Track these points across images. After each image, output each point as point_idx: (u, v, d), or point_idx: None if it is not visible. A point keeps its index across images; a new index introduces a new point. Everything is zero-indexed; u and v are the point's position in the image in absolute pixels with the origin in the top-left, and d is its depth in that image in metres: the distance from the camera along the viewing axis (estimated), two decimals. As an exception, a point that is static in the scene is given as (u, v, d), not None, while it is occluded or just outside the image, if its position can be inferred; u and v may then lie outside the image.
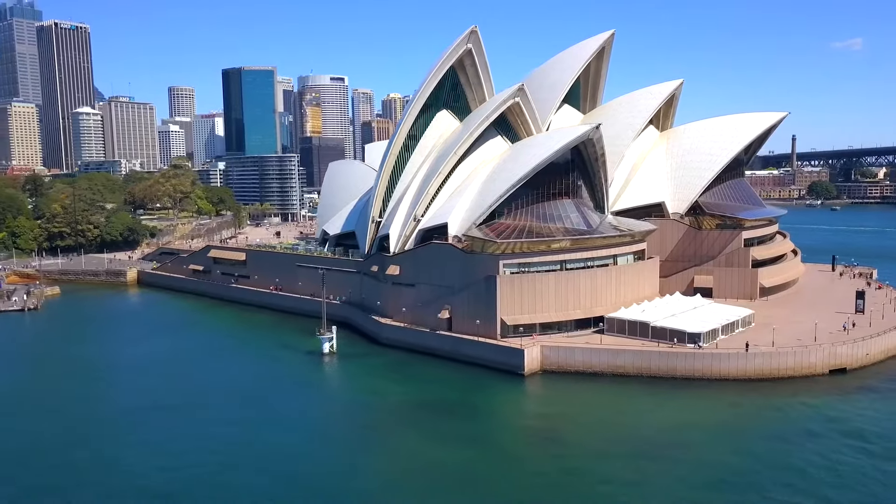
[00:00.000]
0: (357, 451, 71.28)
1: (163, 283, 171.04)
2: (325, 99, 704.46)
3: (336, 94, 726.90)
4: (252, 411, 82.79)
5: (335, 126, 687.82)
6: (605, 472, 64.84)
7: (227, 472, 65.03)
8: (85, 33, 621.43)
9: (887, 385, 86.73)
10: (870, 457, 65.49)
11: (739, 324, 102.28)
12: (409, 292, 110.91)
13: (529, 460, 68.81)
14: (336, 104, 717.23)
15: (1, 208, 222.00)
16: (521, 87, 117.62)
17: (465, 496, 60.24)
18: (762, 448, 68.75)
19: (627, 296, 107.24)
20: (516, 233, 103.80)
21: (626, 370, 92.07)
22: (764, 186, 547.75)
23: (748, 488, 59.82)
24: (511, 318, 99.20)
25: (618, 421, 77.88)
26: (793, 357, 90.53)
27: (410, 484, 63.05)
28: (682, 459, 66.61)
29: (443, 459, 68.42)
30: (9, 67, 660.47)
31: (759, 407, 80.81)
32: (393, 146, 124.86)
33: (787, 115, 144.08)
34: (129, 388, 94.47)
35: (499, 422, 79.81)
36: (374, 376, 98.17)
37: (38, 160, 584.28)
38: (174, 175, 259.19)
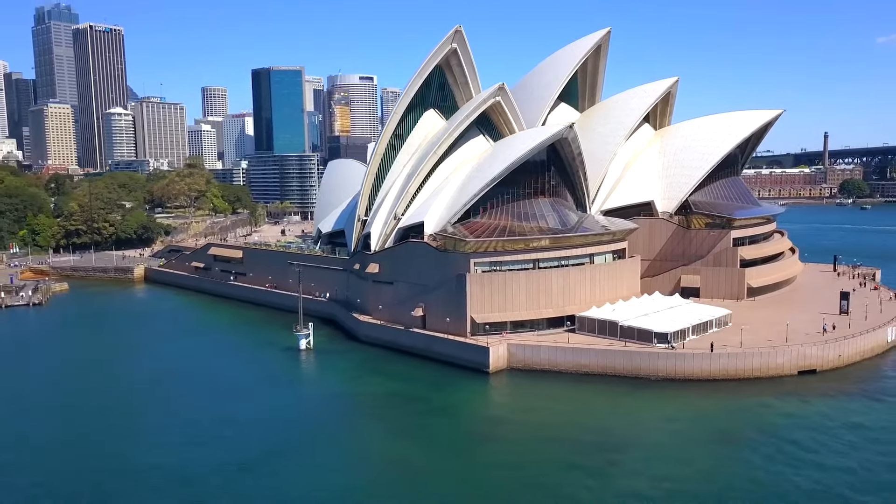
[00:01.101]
0: (309, 444, 72.65)
1: (167, 279, 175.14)
2: (354, 98, 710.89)
3: (365, 94, 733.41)
4: (217, 404, 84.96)
5: (364, 125, 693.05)
6: (531, 471, 65.16)
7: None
8: (119, 35, 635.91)
9: (852, 387, 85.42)
10: (796, 465, 64.59)
11: (713, 324, 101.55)
12: (388, 290, 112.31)
13: (467, 456, 69.67)
14: (365, 103, 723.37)
15: (23, 206, 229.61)
16: (502, 86, 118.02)
17: (397, 489, 61.24)
18: (699, 452, 68.64)
19: (604, 295, 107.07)
20: (490, 231, 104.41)
21: (590, 369, 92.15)
22: (794, 185, 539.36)
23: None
24: (481, 316, 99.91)
25: (565, 421, 77.91)
26: (759, 358, 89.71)
27: (352, 477, 64.28)
28: (615, 462, 66.76)
29: (388, 454, 69.82)
30: (47, 69, 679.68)
31: (715, 408, 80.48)
32: (378, 145, 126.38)
33: (782, 112, 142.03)
34: (87, 381, 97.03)
35: (448, 418, 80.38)
36: (344, 373, 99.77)
37: (73, 160, 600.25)
38: (189, 174, 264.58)
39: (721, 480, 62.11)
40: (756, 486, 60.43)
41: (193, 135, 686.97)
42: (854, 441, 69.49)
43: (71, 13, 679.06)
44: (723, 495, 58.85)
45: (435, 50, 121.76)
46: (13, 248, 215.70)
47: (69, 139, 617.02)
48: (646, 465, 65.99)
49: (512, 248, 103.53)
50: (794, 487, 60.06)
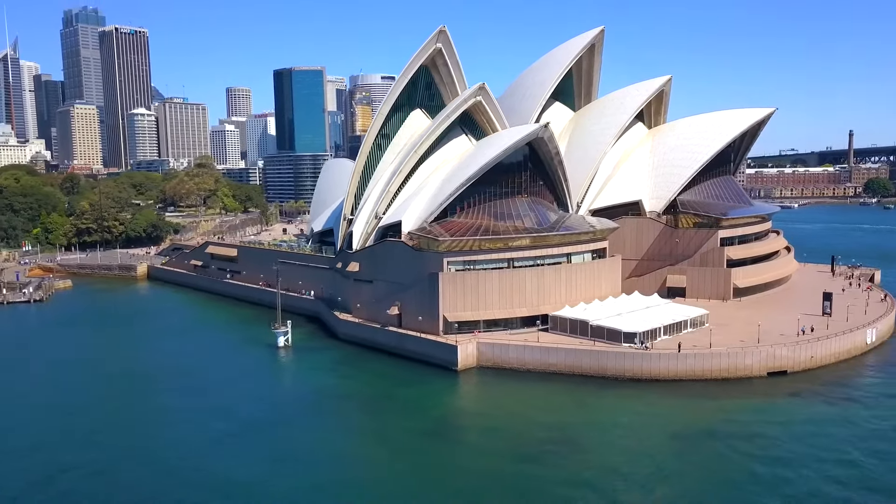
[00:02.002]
0: (261, 438, 73.84)
1: (169, 277, 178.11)
2: (376, 97, 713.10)
3: (387, 93, 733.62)
4: (182, 398, 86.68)
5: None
6: (478, 467, 65.65)
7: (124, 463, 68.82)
8: (143, 37, 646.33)
9: (820, 389, 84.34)
10: (734, 460, 64.61)
11: (688, 324, 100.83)
12: (368, 289, 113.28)
13: (418, 452, 70.36)
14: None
15: (37, 205, 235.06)
16: (482, 86, 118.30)
17: (339, 483, 62.13)
18: (648, 450, 68.53)
19: (581, 294, 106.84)
20: (466, 230, 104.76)
21: (558, 368, 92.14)
22: (817, 184, 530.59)
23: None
24: (453, 314, 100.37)
25: (522, 419, 78.19)
26: (726, 359, 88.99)
27: (292, 470, 65.18)
28: (562, 458, 66.97)
29: (337, 449, 70.92)
30: (75, 71, 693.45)
31: (674, 408, 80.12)
32: (364, 144, 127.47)
33: (775, 111, 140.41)
34: (64, 376, 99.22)
35: (407, 416, 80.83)
36: (316, 370, 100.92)
37: (98, 159, 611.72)
38: (198, 174, 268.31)
39: (662, 478, 62.24)
40: (689, 483, 60.37)
41: (217, 135, 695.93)
42: (800, 443, 68.96)
43: (98, 16, 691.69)
44: (661, 489, 58.91)
45: (419, 50, 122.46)
46: (26, 245, 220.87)
47: (95, 139, 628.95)
48: (592, 461, 66.25)
49: (487, 248, 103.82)
50: (727, 487, 59.79)
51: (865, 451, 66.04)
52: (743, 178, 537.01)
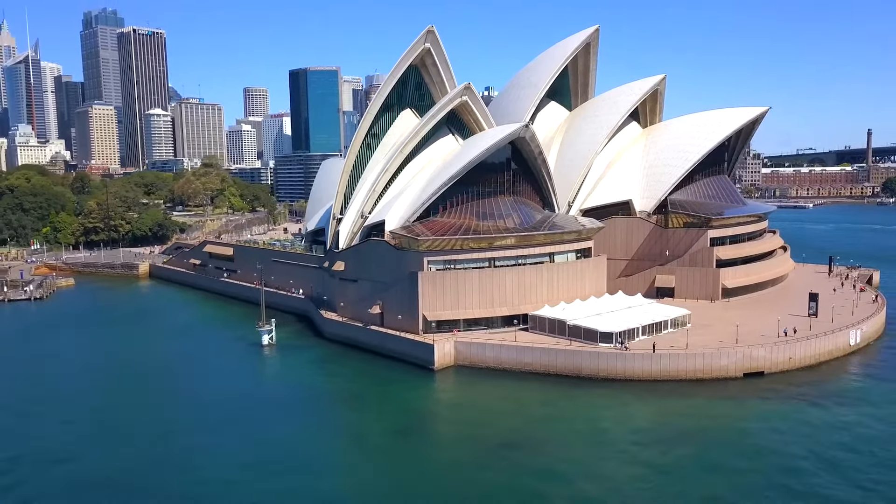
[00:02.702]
0: (227, 434, 74.81)
1: (169, 276, 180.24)
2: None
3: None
4: (156, 395, 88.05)
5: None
6: (437, 464, 66.14)
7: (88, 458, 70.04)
8: (161, 38, 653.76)
9: (792, 390, 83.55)
10: (700, 465, 64.39)
11: (669, 324, 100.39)
12: (352, 288, 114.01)
13: (381, 450, 70.96)
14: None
15: (46, 204, 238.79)
16: (468, 86, 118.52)
17: (301, 480, 62.80)
18: (608, 450, 68.68)
19: (563, 294, 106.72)
20: (447, 230, 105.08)
21: (534, 367, 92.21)
22: (834, 183, 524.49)
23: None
24: (433, 313, 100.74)
25: (488, 418, 78.66)
26: (701, 359, 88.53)
27: (249, 468, 65.96)
28: (521, 456, 67.24)
29: (303, 446, 71.56)
30: (94, 72, 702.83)
31: (643, 408, 79.99)
32: (353, 144, 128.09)
33: (768, 110, 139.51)
34: (29, 370, 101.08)
35: (377, 414, 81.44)
36: (296, 368, 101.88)
37: (115, 159, 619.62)
38: (204, 173, 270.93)
39: (621, 477, 62.46)
40: (648, 485, 60.34)
41: (234, 135, 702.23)
42: (761, 444, 68.78)
43: (117, 17, 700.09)
44: (616, 491, 59.03)
45: (407, 50, 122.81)
46: (34, 244, 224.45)
47: (112, 139, 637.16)
48: (552, 460, 66.36)
49: (468, 247, 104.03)
50: (688, 487, 59.72)
51: (815, 455, 65.28)
52: (758, 177, 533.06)
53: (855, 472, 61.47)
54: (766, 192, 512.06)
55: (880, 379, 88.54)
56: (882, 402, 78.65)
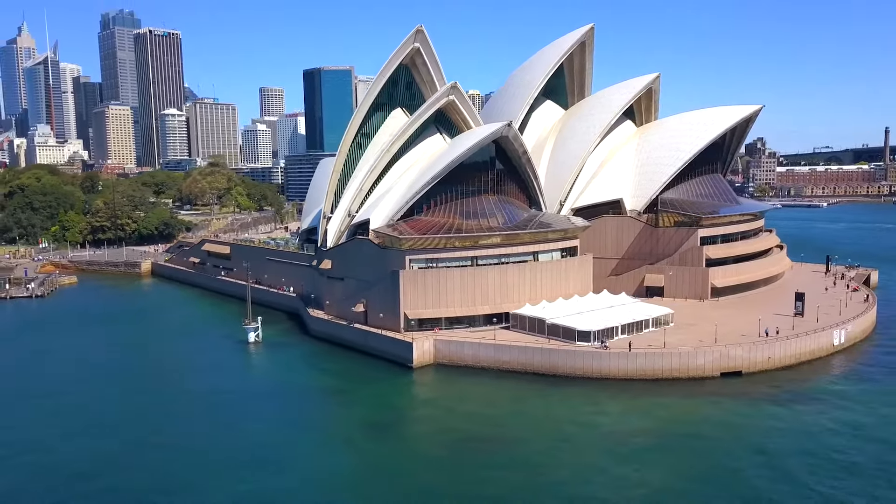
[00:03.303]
0: (199, 428, 76.12)
1: (170, 274, 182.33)
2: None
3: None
4: (131, 392, 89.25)
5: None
6: (398, 460, 66.73)
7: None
8: (176, 39, 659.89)
9: (767, 390, 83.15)
10: (656, 464, 64.62)
11: (650, 323, 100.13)
12: (339, 286, 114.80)
13: (345, 446, 71.63)
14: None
15: (56, 203, 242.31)
16: (454, 85, 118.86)
17: (261, 474, 63.64)
18: (575, 449, 68.89)
19: (547, 293, 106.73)
20: (428, 228, 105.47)
21: (511, 366, 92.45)
22: (850, 182, 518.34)
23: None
24: (414, 312, 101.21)
25: (458, 415, 79.19)
26: (678, 358, 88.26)
27: (213, 460, 66.98)
28: (487, 455, 67.67)
29: (268, 441, 72.06)
30: (111, 73, 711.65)
31: (615, 407, 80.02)
32: (342, 144, 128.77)
33: (762, 108, 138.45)
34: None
35: (349, 411, 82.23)
36: (278, 365, 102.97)
37: (132, 159, 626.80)
38: (210, 173, 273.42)
39: (579, 470, 63.15)
40: (606, 484, 60.54)
41: (250, 134, 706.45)
42: (719, 444, 68.77)
43: (133, 19, 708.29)
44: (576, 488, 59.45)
45: (397, 50, 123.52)
46: (42, 242, 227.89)
47: (128, 139, 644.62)
48: (512, 454, 67.05)
49: (451, 246, 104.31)
50: (639, 485, 59.89)
51: (766, 457, 65.01)
52: (773, 176, 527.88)
53: (802, 477, 60.40)
54: (780, 191, 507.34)
55: (859, 380, 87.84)
56: (854, 405, 77.89)
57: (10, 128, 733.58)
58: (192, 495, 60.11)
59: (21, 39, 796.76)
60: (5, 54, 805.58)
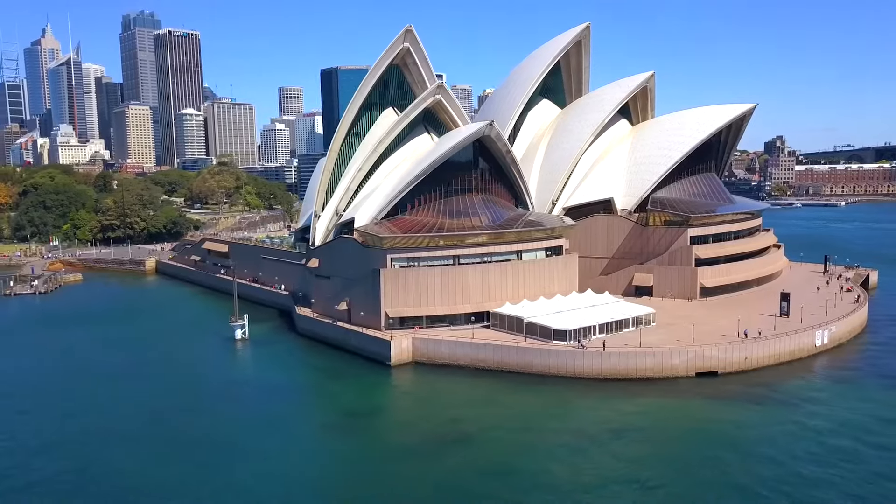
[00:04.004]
0: (162, 422, 77.51)
1: (173, 272, 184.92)
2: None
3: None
4: (109, 388, 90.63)
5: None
6: (353, 457, 67.66)
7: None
8: (195, 39, 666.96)
9: (740, 390, 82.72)
10: (606, 464, 65.04)
11: (630, 323, 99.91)
12: (326, 284, 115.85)
13: (302, 442, 72.49)
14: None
15: (68, 202, 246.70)
16: (441, 85, 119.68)
17: (213, 469, 64.84)
18: (532, 447, 69.09)
19: (530, 292, 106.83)
20: (411, 228, 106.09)
21: (487, 364, 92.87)
22: (871, 181, 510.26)
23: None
24: (394, 310, 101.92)
25: (424, 413, 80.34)
26: (652, 358, 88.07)
27: (185, 459, 68.14)
28: (445, 453, 68.35)
29: (223, 437, 73.17)
30: (132, 73, 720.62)
31: (582, 406, 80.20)
32: (333, 143, 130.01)
33: (755, 106, 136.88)
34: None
35: (315, 408, 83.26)
36: (260, 362, 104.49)
37: (151, 158, 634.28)
38: (218, 172, 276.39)
39: (539, 469, 63.56)
40: (553, 480, 60.98)
41: (268, 133, 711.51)
42: (676, 442, 69.03)
43: (154, 19, 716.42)
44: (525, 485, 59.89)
45: (386, 50, 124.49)
46: (53, 240, 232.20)
47: (148, 138, 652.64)
48: (474, 454, 67.52)
49: (433, 244, 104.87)
50: (582, 485, 60.18)
51: (726, 462, 64.82)
52: (791, 175, 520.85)
53: (751, 484, 59.79)
54: (798, 190, 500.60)
55: (834, 382, 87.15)
56: (822, 408, 77.26)
57: (35, 128, 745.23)
58: (153, 483, 61.37)
59: (45, 41, 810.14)
60: (30, 56, 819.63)
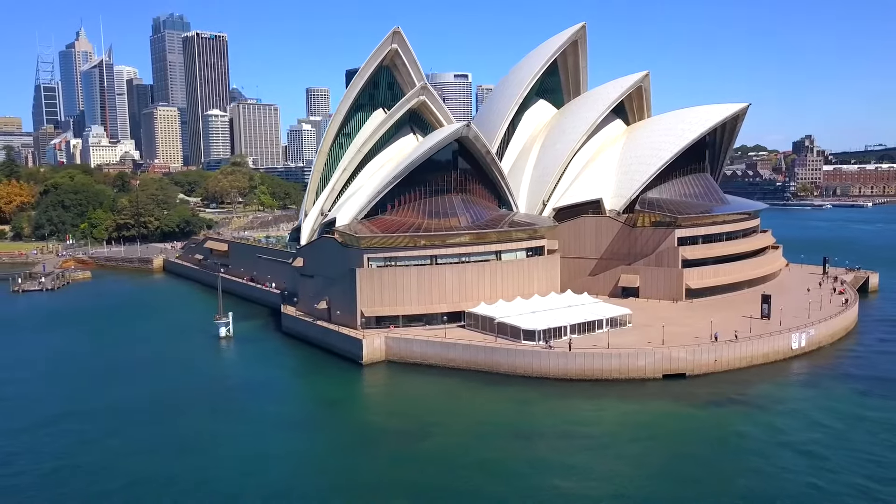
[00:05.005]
0: (131, 414, 79.67)
1: (179, 270, 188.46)
2: (449, 95, 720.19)
3: (460, 91, 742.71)
4: (90, 385, 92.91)
5: (458, 121, 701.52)
6: (310, 452, 68.94)
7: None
8: (222, 41, 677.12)
9: (702, 392, 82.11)
10: (552, 464, 65.29)
11: (605, 323, 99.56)
12: (310, 283, 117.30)
13: (267, 440, 73.50)
14: (459, 100, 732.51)
15: (86, 202, 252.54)
16: (424, 86, 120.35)
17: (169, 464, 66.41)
18: (481, 445, 69.42)
19: (508, 292, 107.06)
20: (388, 228, 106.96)
21: (457, 363, 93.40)
22: (889, 182, 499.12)
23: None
24: (370, 309, 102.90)
25: (384, 410, 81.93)
26: (618, 359, 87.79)
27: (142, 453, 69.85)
28: (399, 450, 69.44)
29: (186, 431, 74.86)
30: (162, 75, 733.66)
31: (540, 406, 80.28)
32: (322, 144, 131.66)
33: (748, 106, 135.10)
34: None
35: (280, 405, 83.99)
36: (239, 359, 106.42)
37: (179, 158, 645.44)
38: (231, 172, 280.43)
39: (487, 467, 64.07)
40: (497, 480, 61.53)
41: (295, 134, 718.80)
42: (625, 443, 69.06)
43: (183, 22, 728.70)
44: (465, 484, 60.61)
45: (374, 52, 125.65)
46: (69, 239, 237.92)
47: (176, 139, 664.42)
48: (425, 450, 68.64)
49: (410, 244, 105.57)
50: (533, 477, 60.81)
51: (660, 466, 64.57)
52: (819, 175, 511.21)
53: (679, 486, 59.43)
54: (826, 191, 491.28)
55: (803, 385, 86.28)
56: (783, 410, 76.60)
57: (69, 129, 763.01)
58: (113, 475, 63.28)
59: (79, 44, 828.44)
60: (65, 59, 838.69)
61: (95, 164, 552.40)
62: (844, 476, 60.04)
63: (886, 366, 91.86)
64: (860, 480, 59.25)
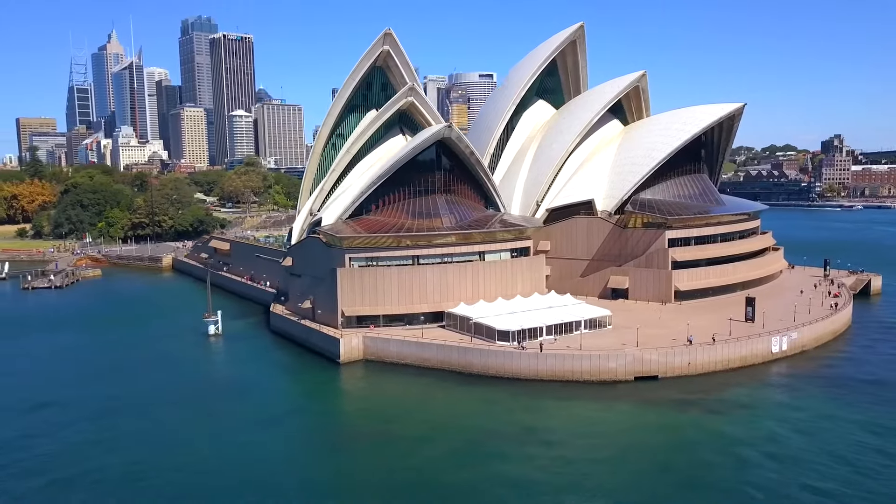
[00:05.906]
0: (103, 414, 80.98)
1: (186, 269, 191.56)
2: (474, 96, 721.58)
3: (485, 91, 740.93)
4: (77, 382, 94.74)
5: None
6: (277, 449, 70.08)
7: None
8: (248, 43, 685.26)
9: (673, 395, 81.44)
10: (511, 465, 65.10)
11: (584, 325, 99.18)
12: (297, 282, 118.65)
13: (233, 436, 74.67)
14: (484, 100, 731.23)
15: (104, 201, 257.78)
16: (412, 87, 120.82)
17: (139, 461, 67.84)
18: (443, 445, 69.84)
19: (491, 292, 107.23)
20: (371, 227, 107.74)
21: (431, 363, 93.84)
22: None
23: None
24: (351, 309, 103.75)
25: (354, 408, 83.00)
26: (589, 361, 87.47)
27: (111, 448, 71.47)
28: (365, 447, 70.51)
29: (167, 428, 76.14)
30: (190, 76, 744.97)
31: (508, 406, 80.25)
32: (315, 145, 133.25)
33: (744, 106, 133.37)
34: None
35: (254, 404, 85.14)
36: (223, 357, 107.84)
37: (205, 158, 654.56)
38: (244, 172, 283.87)
39: (447, 465, 64.96)
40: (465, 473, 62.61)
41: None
42: (586, 444, 68.84)
43: (211, 24, 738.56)
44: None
45: (365, 53, 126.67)
46: (86, 237, 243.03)
47: (202, 139, 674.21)
48: (390, 447, 69.39)
49: (394, 244, 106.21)
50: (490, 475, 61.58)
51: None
52: (847, 175, 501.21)
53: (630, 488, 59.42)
54: (854, 191, 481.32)
55: (777, 389, 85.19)
56: (748, 414, 75.73)
57: (100, 129, 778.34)
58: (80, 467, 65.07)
59: (110, 46, 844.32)
60: (97, 60, 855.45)
61: (125, 164, 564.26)
62: (779, 477, 59.50)
63: (867, 368, 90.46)
64: (807, 481, 58.61)
